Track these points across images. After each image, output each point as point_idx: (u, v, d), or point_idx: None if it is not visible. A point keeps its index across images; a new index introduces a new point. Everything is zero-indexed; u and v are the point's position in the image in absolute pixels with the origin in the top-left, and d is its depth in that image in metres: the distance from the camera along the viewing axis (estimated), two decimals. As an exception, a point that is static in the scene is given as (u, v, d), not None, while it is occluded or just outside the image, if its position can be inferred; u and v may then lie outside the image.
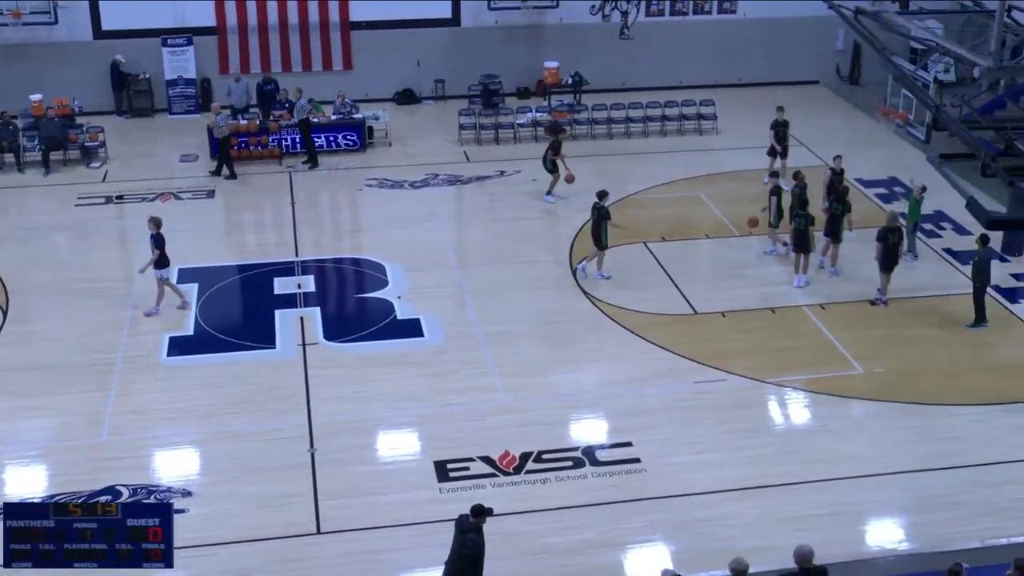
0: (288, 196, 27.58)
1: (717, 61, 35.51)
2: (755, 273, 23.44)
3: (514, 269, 23.57)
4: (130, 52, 32.89)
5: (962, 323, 21.16)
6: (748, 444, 17.69)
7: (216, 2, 33.16)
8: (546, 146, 27.35)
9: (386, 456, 17.74)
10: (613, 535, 15.69)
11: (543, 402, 18.81)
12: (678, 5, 35.43)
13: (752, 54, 35.56)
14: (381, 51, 34.19)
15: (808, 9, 33.01)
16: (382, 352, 20.43)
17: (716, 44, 35.45)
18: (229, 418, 18.36)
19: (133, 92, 33.10)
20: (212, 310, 21.92)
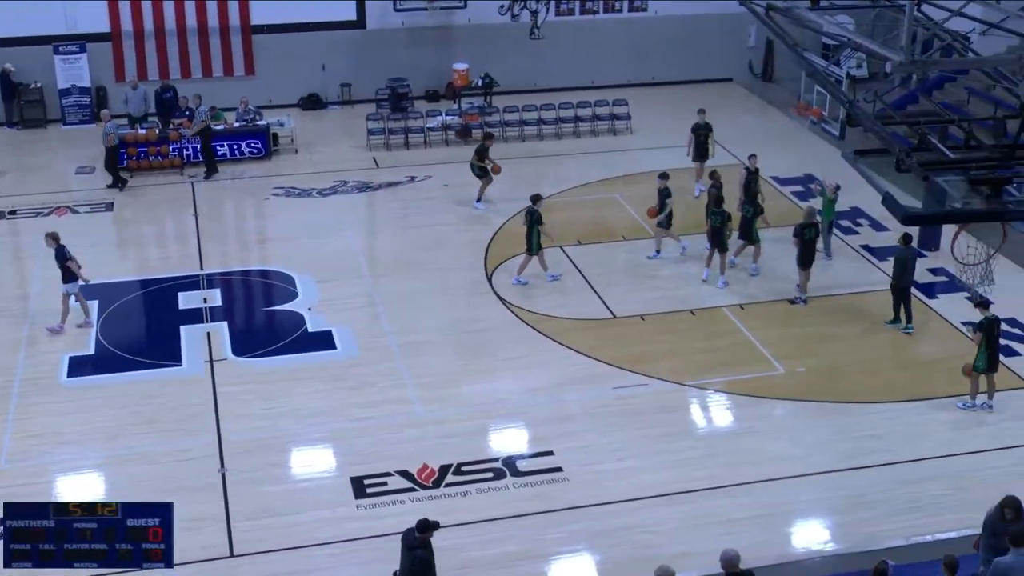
0: (191, 207, 27.25)
1: (629, 60, 35.81)
2: (673, 275, 23.65)
3: (428, 277, 23.54)
4: (20, 60, 32.25)
5: (882, 319, 21.54)
6: (671, 448, 17.85)
7: (110, 5, 32.66)
8: (473, 151, 27.28)
9: (300, 474, 17.59)
10: (537, 546, 15.72)
11: (461, 413, 18.80)
12: (588, 4, 35.68)
13: (664, 52, 35.91)
14: (284, 55, 33.93)
15: (720, 6, 33.58)
16: (293, 366, 20.28)
17: (628, 43, 35.74)
18: (135, 440, 18.08)
19: (24, 102, 32.48)
20: (114, 327, 21.57)
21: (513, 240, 24.89)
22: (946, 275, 23.08)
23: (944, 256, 23.45)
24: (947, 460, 17.63)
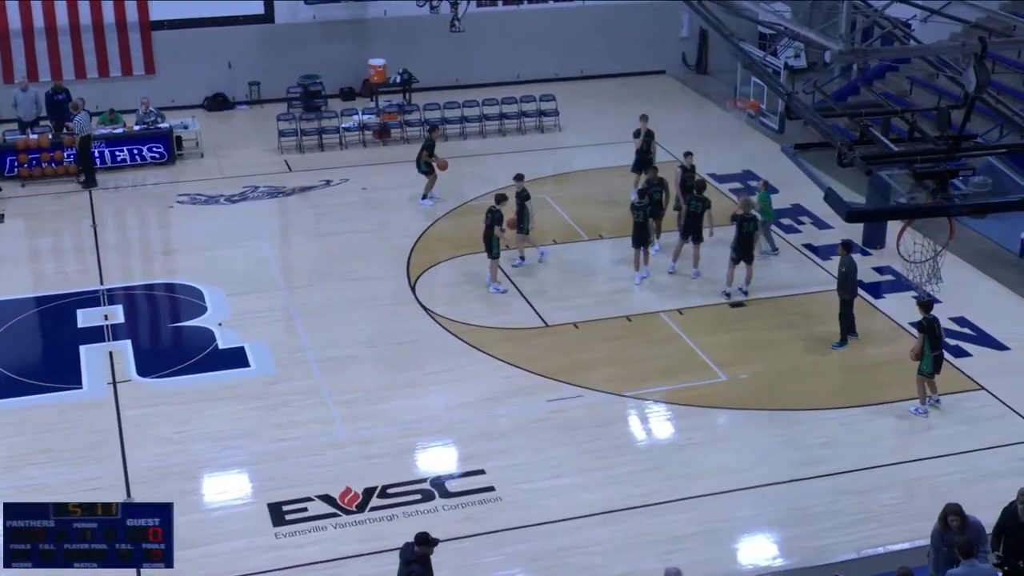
0: (89, 217, 26.94)
1: (557, 53, 35.97)
2: (608, 279, 23.80)
3: (347, 287, 23.47)
4: (-103, 62, 31.76)
5: (827, 321, 21.80)
6: (609, 464, 17.94)
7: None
8: (419, 147, 27.30)
9: (214, 502, 17.44)
10: (469, 571, 15.73)
11: (386, 431, 18.76)
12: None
13: (593, 44, 36.13)
14: (187, 53, 33.64)
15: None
16: (204, 386, 20.11)
17: (555, 35, 35.90)
18: (31, 469, 17.81)
19: (-96, 107, 31.98)
20: (7, 349, 21.28)
21: (437, 247, 24.95)
22: (892, 274, 23.44)
23: (889, 254, 23.83)
24: (897, 468, 17.90)
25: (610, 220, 24.93)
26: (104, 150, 29.48)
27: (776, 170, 24.61)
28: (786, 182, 24.47)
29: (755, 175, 28.28)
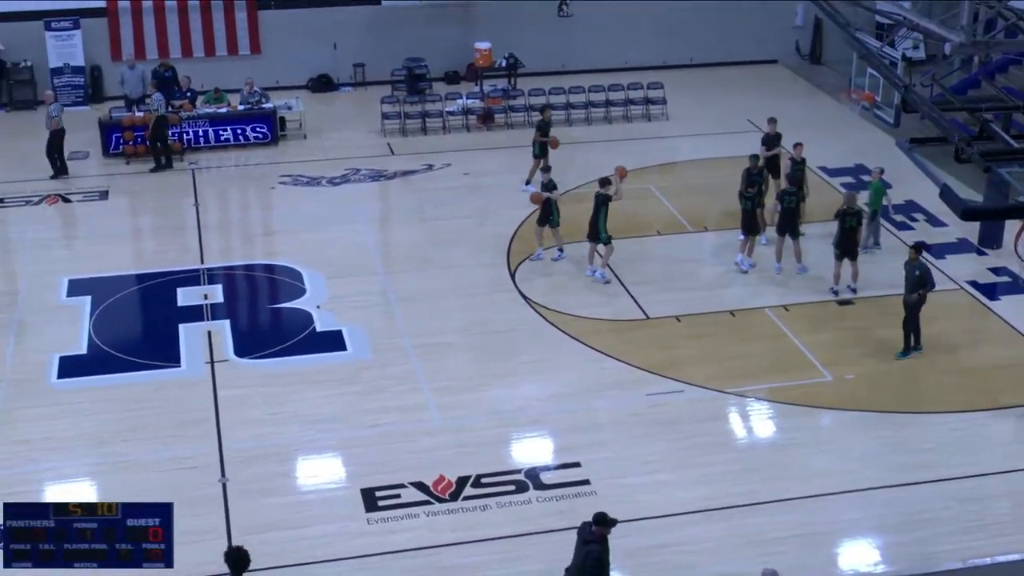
0: (191, 197, 27.35)
1: (666, 40, 35.73)
2: (712, 273, 23.60)
3: (446, 273, 23.54)
4: (9, 37, 32.52)
5: (938, 321, 21.40)
6: (708, 461, 17.78)
7: (105, -21, 32.91)
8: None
9: (307, 485, 17.61)
10: (561, 566, 15.60)
11: (481, 420, 18.79)
12: (621, -21, 35.62)
13: (704, 32, 35.85)
14: (293, 33, 34.03)
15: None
16: (300, 368, 20.31)
17: (665, 22, 35.65)
18: (128, 446, 18.13)
19: (13, 82, 32.74)
20: (107, 326, 21.66)
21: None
22: (1008, 275, 22.93)
23: (1007, 254, 23.36)
24: (1011, 476, 17.48)
25: (716, 212, 24.69)
26: (208, 129, 29.92)
27: (890, 165, 24.17)
28: (900, 178, 24.04)
29: (867, 169, 27.78)
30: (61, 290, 22.81)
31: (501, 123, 31.74)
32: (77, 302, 22.37)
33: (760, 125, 27.54)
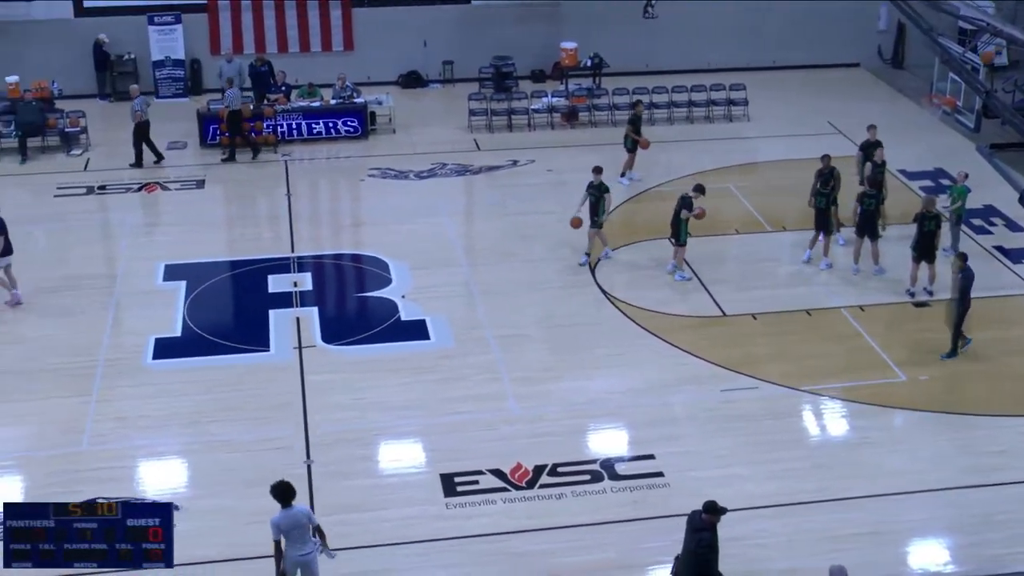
0: (284, 187, 27.64)
1: (749, 42, 35.47)
2: (789, 272, 23.41)
3: (528, 267, 23.58)
4: (114, 31, 33.01)
5: (1013, 326, 21.07)
6: (780, 457, 17.66)
7: (207, -24, 33.34)
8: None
9: (389, 469, 17.75)
10: (633, 555, 15.68)
11: (558, 411, 18.81)
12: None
13: (787, 35, 35.54)
14: (385, 31, 34.24)
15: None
16: (385, 356, 20.46)
17: (748, 24, 35.40)
18: (219, 426, 18.39)
19: (117, 74, 33.23)
20: (201, 310, 21.97)
21: (618, 231, 24.86)
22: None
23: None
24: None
25: (794, 212, 24.45)
26: (301, 122, 30.21)
27: (969, 169, 23.78)
28: (980, 182, 23.65)
29: (946, 173, 27.46)
30: (158, 274, 23.18)
31: (585, 121, 31.70)
32: (173, 286, 22.72)
33: (840, 127, 27.28)
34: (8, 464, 17.62)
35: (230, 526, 16.14)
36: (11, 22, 32.53)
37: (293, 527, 13.88)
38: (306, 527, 14.04)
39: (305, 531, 14.01)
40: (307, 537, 14.01)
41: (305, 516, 14.04)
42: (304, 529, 14.00)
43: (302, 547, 13.97)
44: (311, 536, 14.05)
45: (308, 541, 14.01)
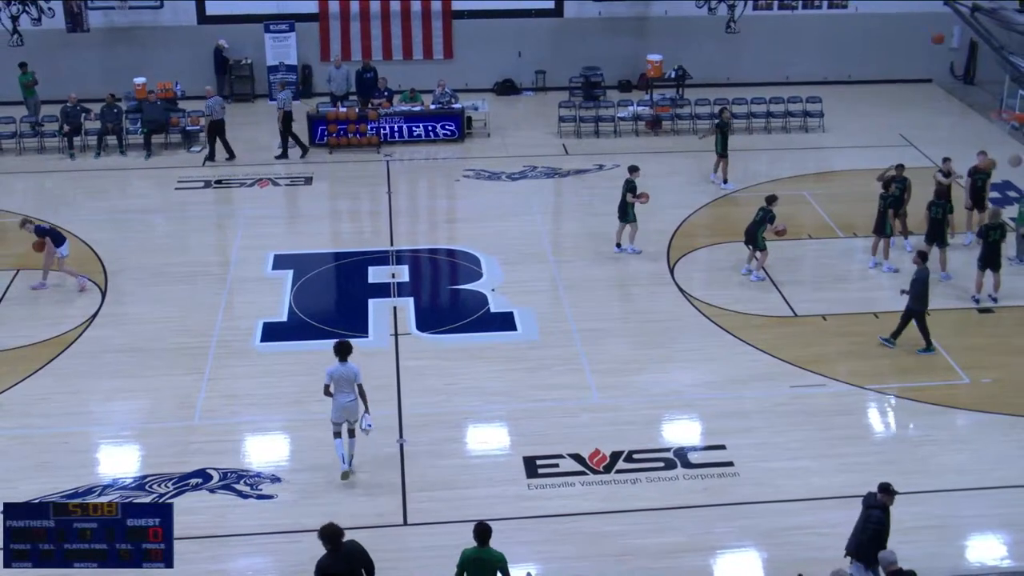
0: (385, 185, 27.78)
1: (826, 57, 34.99)
2: (859, 276, 23.04)
3: (611, 265, 23.46)
4: (233, 37, 33.43)
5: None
6: (846, 452, 17.39)
7: (319, -12, 33.61)
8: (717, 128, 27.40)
9: (475, 450, 17.77)
10: (703, 539, 15.54)
11: (636, 401, 18.69)
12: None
13: (863, 50, 34.99)
14: (483, 41, 34.30)
15: (923, 5, 32.59)
16: (474, 345, 20.48)
17: (825, 39, 34.94)
18: (319, 405, 18.42)
19: (235, 77, 33.65)
20: (305, 297, 22.15)
21: (697, 232, 24.68)
22: None
23: None
24: None
25: (866, 219, 24.01)
26: (403, 125, 30.34)
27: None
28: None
29: (1014, 186, 26.89)
30: (267, 263, 23.42)
31: (668, 129, 31.47)
32: (281, 275, 22.94)
33: (912, 140, 26.79)
34: (126, 435, 17.93)
35: (328, 498, 16.27)
36: (140, 27, 33.11)
37: (342, 378, 16.31)
38: (352, 381, 16.30)
39: (351, 384, 16.30)
40: (352, 389, 16.29)
41: (353, 373, 16.33)
42: (350, 382, 16.31)
43: (348, 395, 16.35)
44: (355, 389, 16.28)
45: (352, 392, 16.31)
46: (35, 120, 30.25)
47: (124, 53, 32.90)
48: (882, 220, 22.87)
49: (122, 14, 32.77)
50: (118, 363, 19.77)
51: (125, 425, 18.16)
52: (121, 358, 19.92)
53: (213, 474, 16.72)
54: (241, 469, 16.90)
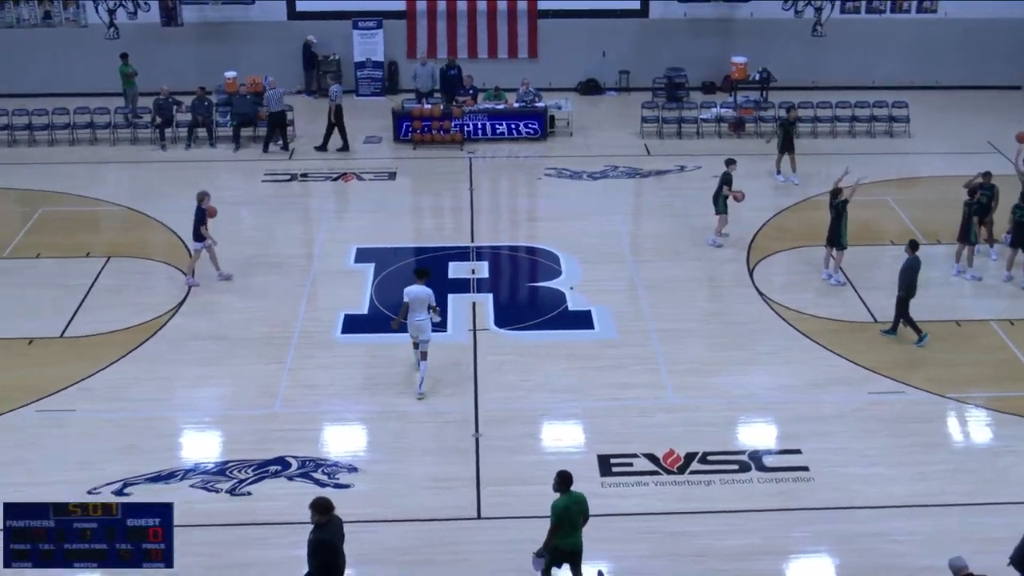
0: (467, 182, 27.87)
1: (913, 61, 34.44)
2: (941, 283, 22.64)
3: (689, 266, 23.32)
4: (322, 33, 33.76)
5: None
6: (924, 460, 17.11)
7: (407, -13, 33.82)
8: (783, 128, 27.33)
9: (550, 447, 17.74)
10: (777, 543, 15.39)
11: (712, 403, 18.56)
12: (875, 3, 34.45)
13: (951, 56, 34.38)
14: (567, 41, 34.27)
15: (1014, 10, 32.00)
16: (551, 342, 20.46)
17: (913, 44, 34.40)
18: (397, 398, 18.64)
19: (322, 72, 33.94)
20: (386, 290, 22.28)
21: (778, 236, 24.45)
22: None
23: None
24: None
25: (950, 226, 23.61)
26: (486, 123, 30.42)
27: None
28: None
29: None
30: (350, 256, 23.62)
31: (751, 132, 31.19)
32: (363, 268, 23.12)
33: (998, 147, 26.28)
34: (209, 421, 18.19)
35: (404, 490, 16.37)
36: (232, 22, 33.57)
37: (417, 298, 18.36)
38: (425, 301, 18.40)
39: (424, 304, 18.41)
40: (424, 309, 18.42)
41: (427, 295, 18.42)
42: (424, 303, 18.40)
43: (420, 314, 18.44)
44: (427, 310, 18.42)
45: (424, 312, 18.43)
46: (130, 111, 30.81)
47: (215, 47, 33.41)
48: (967, 227, 22.50)
49: (214, 9, 33.26)
50: (203, 351, 20.06)
51: (208, 411, 18.42)
52: (206, 346, 20.21)
53: (292, 462, 16.91)
54: (319, 458, 17.06)
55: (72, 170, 28.22)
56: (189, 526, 15.38)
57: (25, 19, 33.60)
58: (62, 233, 23.64)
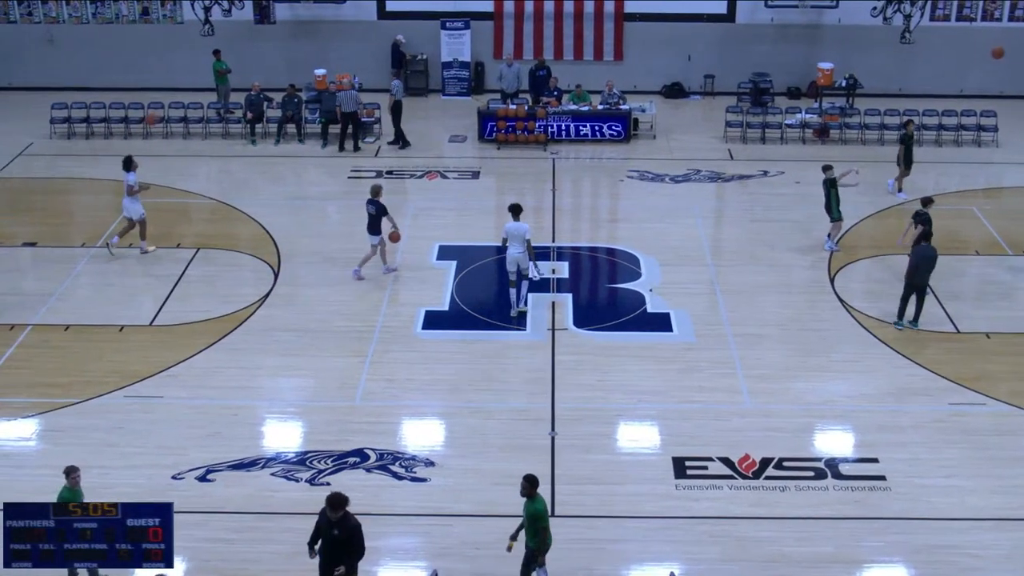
0: (550, 182, 27.88)
1: (1004, 71, 33.67)
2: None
3: (769, 271, 23.10)
4: (410, 33, 33.96)
5: None
6: (1005, 473, 16.77)
7: (496, -12, 33.92)
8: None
9: (625, 447, 17.70)
10: (851, 552, 15.19)
11: (789, 409, 18.38)
12: (965, 10, 33.82)
13: (1042, 65, 33.66)
14: (652, 44, 34.13)
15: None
16: (629, 343, 20.40)
17: (1005, 53, 33.64)
18: (476, 394, 18.71)
19: (410, 72, 34.14)
20: (468, 288, 22.37)
21: (859, 243, 24.13)
22: None
23: None
24: None
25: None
26: (570, 124, 30.39)
27: None
28: None
29: None
30: (433, 253, 23.74)
31: (836, 138, 30.81)
32: (445, 265, 23.23)
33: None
34: (291, 412, 18.40)
35: (480, 485, 16.42)
36: (322, 21, 33.92)
37: (515, 233, 20.39)
38: (522, 237, 20.34)
39: (521, 239, 20.35)
40: (522, 243, 20.32)
41: (524, 230, 20.43)
42: (520, 238, 20.36)
43: (518, 248, 20.54)
44: (524, 244, 20.31)
45: (522, 246, 20.39)
46: (222, 106, 31.28)
47: (306, 45, 33.81)
48: None
49: (306, 8, 33.63)
50: (287, 342, 20.30)
51: (290, 402, 18.64)
52: (290, 337, 20.44)
53: (370, 454, 17.05)
54: (397, 451, 17.19)
55: (165, 163, 28.71)
56: (269, 513, 15.61)
57: (123, 15, 34.27)
58: (154, 224, 24.07)
